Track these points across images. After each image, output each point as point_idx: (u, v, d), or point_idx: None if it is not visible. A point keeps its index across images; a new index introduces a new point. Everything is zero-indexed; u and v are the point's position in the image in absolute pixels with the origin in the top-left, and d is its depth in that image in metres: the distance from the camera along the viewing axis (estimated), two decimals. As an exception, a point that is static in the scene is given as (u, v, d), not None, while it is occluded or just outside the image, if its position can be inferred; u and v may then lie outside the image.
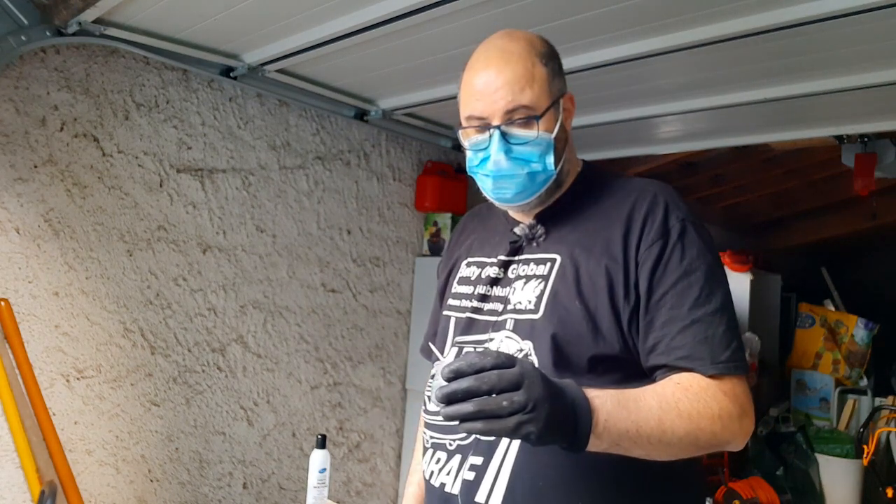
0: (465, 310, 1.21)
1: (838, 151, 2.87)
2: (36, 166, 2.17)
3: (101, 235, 2.31)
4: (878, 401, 3.81)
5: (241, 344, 2.67)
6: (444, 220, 3.26)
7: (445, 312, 1.27)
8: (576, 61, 2.06)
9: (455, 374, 0.84)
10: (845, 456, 3.58)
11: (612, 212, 1.13)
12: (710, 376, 1.01)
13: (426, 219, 3.33)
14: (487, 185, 1.16)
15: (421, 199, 3.27)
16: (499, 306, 1.16)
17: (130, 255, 2.38)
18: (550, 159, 1.12)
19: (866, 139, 2.72)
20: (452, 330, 1.23)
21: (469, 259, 1.29)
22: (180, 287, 2.50)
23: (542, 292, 1.11)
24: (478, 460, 1.10)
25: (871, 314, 4.18)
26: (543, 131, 1.11)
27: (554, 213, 1.19)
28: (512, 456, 1.07)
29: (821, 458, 3.65)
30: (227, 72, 2.47)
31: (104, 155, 2.31)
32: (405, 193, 3.28)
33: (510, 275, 1.18)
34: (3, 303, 2.07)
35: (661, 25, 1.86)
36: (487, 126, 1.11)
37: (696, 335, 1.02)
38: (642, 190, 1.14)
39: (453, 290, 1.27)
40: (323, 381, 2.94)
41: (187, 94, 2.51)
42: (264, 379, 2.74)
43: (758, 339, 3.62)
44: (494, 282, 1.20)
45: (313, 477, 1.78)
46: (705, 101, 2.41)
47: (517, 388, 0.83)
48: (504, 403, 0.82)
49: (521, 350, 1.10)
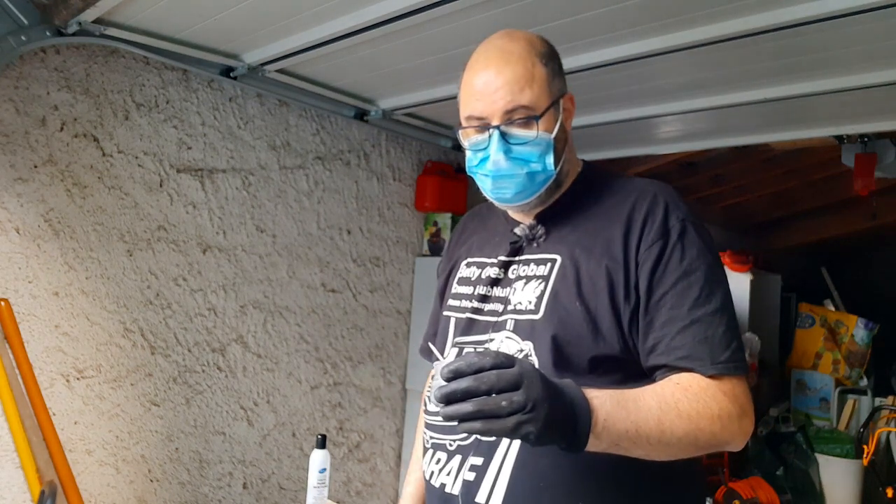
0: (465, 310, 1.21)
1: (838, 151, 2.87)
2: (36, 166, 2.17)
3: (101, 235, 2.31)
4: (878, 401, 3.81)
5: (241, 344, 2.67)
6: (444, 220, 3.26)
7: (445, 313, 1.27)
8: (576, 61, 2.07)
9: (454, 374, 0.84)
10: (845, 456, 3.58)
11: (612, 212, 1.13)
12: (709, 376, 1.01)
13: (426, 219, 3.33)
14: (487, 185, 1.16)
15: (421, 199, 3.27)
16: (499, 307, 1.16)
17: (130, 255, 2.38)
18: (550, 159, 1.12)
19: (866, 139, 2.72)
20: (452, 330, 1.23)
21: (469, 259, 1.29)
22: (180, 287, 2.50)
23: (543, 293, 1.11)
24: (478, 461, 1.10)
25: (871, 314, 4.18)
26: (543, 131, 1.11)
27: (554, 214, 1.19)
28: (512, 456, 1.07)
29: (821, 458, 3.65)
30: (227, 72, 2.47)
31: (104, 155, 2.31)
32: (405, 193, 3.28)
33: (510, 275, 1.18)
34: (3, 303, 2.07)
35: (661, 25, 1.86)
36: (487, 126, 1.11)
37: (696, 335, 1.02)
38: (642, 190, 1.14)
39: (453, 291, 1.27)
40: (323, 381, 2.94)
41: (187, 94, 2.51)
42: (264, 379, 2.74)
43: (758, 339, 3.62)
44: (495, 282, 1.19)
45: (313, 477, 1.78)
46: (705, 101, 2.41)
47: (516, 388, 0.83)
48: (503, 403, 0.82)
49: (522, 351, 1.10)
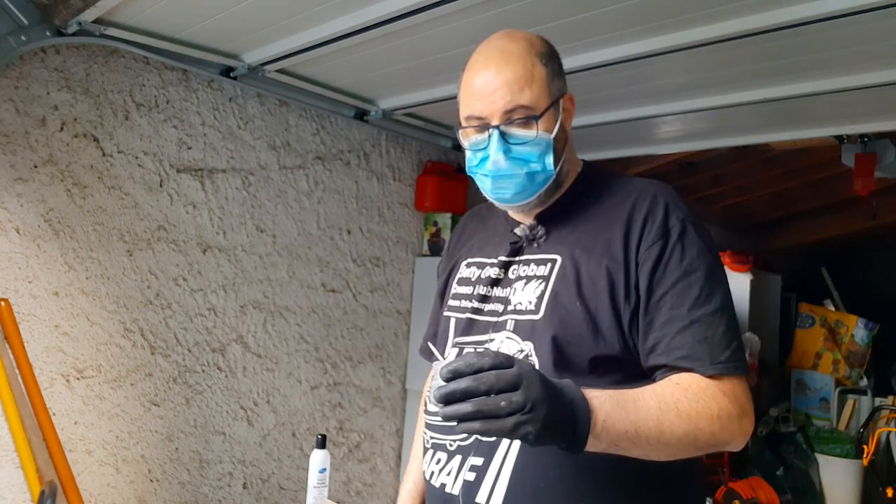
0: (465, 310, 1.21)
1: (838, 151, 2.87)
2: (36, 166, 2.17)
3: (101, 235, 2.31)
4: (878, 401, 3.81)
5: (241, 344, 2.67)
6: (444, 220, 3.26)
7: (446, 313, 1.27)
8: (576, 61, 2.06)
9: (453, 375, 0.84)
10: (845, 456, 3.58)
11: (612, 212, 1.13)
12: (709, 376, 1.01)
13: (426, 219, 3.33)
14: (487, 185, 1.16)
15: (421, 199, 3.27)
16: (499, 307, 1.16)
17: (130, 255, 2.38)
18: (549, 159, 1.12)
19: (866, 139, 2.72)
20: (453, 330, 1.23)
21: (469, 260, 1.28)
22: (180, 287, 2.50)
23: (543, 293, 1.11)
24: (478, 461, 1.10)
25: (871, 314, 4.18)
26: (542, 131, 1.11)
27: (554, 214, 1.19)
28: (513, 457, 1.07)
29: (821, 458, 3.65)
30: (227, 72, 2.47)
31: (104, 155, 2.31)
32: (405, 193, 3.27)
33: (510, 275, 1.18)
34: (3, 303, 2.07)
35: (661, 25, 1.86)
36: (487, 126, 1.11)
37: (696, 335, 1.02)
38: (642, 190, 1.14)
39: (453, 291, 1.27)
40: (323, 381, 2.94)
41: (187, 94, 2.51)
42: (264, 379, 2.74)
43: (758, 339, 3.62)
44: (495, 282, 1.19)
45: (313, 477, 1.78)
46: (705, 101, 2.41)
47: (515, 388, 0.83)
48: (502, 404, 0.82)
49: (522, 351, 1.10)
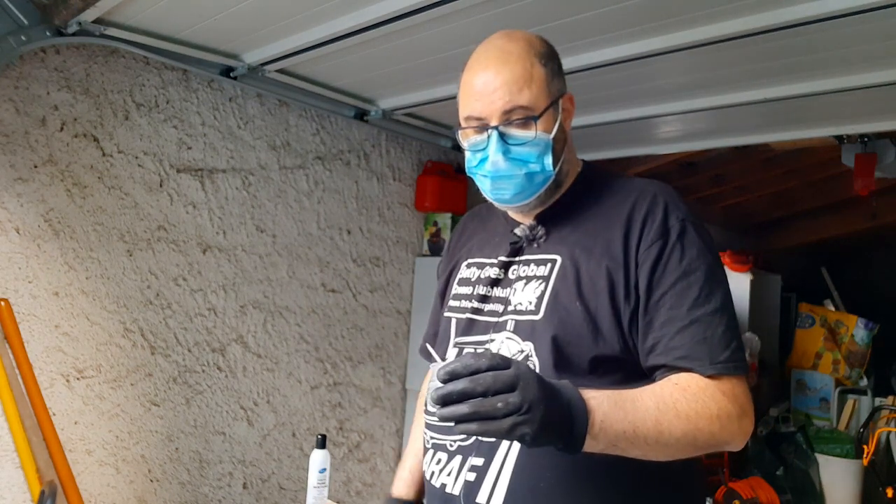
0: (465, 311, 1.21)
1: (838, 151, 2.87)
2: (36, 166, 2.17)
3: (101, 235, 2.31)
4: (878, 401, 3.81)
5: (241, 344, 2.67)
6: (444, 220, 3.26)
7: (446, 314, 1.26)
8: (576, 61, 2.06)
9: (450, 376, 0.84)
10: (845, 456, 3.58)
11: (612, 212, 1.13)
12: (708, 376, 1.01)
13: (426, 219, 3.33)
14: (486, 185, 1.15)
15: (421, 199, 3.27)
16: (499, 307, 1.16)
17: (130, 255, 2.38)
18: (549, 160, 1.12)
19: (866, 139, 2.72)
20: (453, 331, 1.23)
21: (469, 260, 1.28)
22: (180, 287, 2.50)
23: (543, 293, 1.11)
24: (479, 461, 1.10)
25: (871, 314, 4.18)
26: (542, 132, 1.11)
27: (554, 214, 1.19)
28: (513, 457, 1.07)
29: (821, 458, 3.65)
30: (227, 72, 2.47)
31: (104, 155, 2.31)
32: (405, 193, 3.27)
33: (510, 276, 1.18)
34: (3, 303, 2.07)
35: (661, 25, 1.86)
36: (486, 127, 1.11)
37: (695, 335, 1.02)
38: (642, 190, 1.14)
39: (454, 292, 1.27)
40: (323, 381, 2.94)
41: (187, 94, 2.51)
42: (264, 379, 2.74)
43: (758, 339, 3.62)
44: (495, 283, 1.19)
45: (313, 477, 1.78)
46: (705, 101, 2.41)
47: (512, 389, 0.83)
48: (499, 405, 0.82)
49: (522, 351, 1.09)
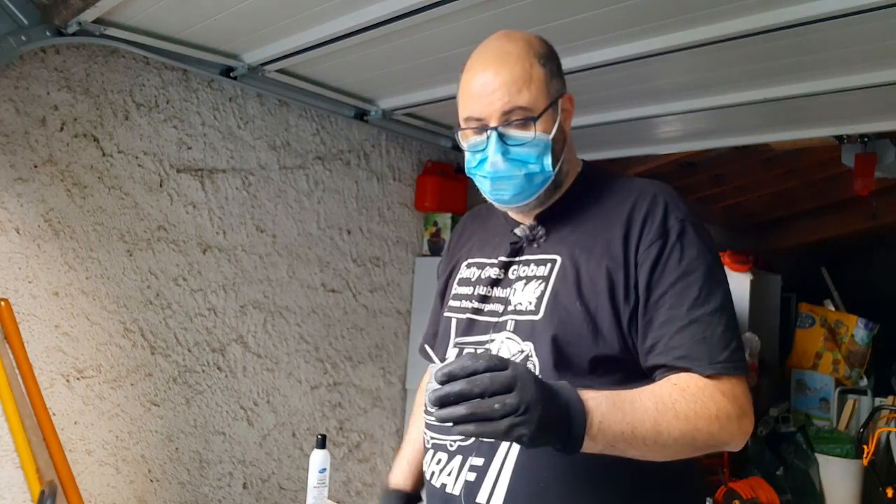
0: (465, 311, 1.21)
1: (838, 151, 2.87)
2: (36, 166, 2.17)
3: (101, 235, 2.31)
4: (878, 401, 3.81)
5: (241, 344, 2.67)
6: (444, 220, 3.26)
7: (446, 314, 1.26)
8: (576, 61, 2.06)
9: (447, 378, 0.84)
10: (845, 456, 3.58)
11: (612, 212, 1.13)
12: (707, 376, 1.01)
13: (426, 219, 3.33)
14: (486, 186, 1.15)
15: (421, 199, 3.27)
16: (499, 307, 1.16)
17: (130, 255, 2.38)
18: (548, 160, 1.12)
19: (866, 139, 2.72)
20: (454, 331, 1.23)
21: (469, 260, 1.28)
22: (180, 287, 2.50)
23: (543, 293, 1.11)
24: (479, 461, 1.09)
25: (871, 314, 4.18)
26: (541, 132, 1.11)
27: (554, 214, 1.19)
28: (513, 457, 1.07)
29: (821, 458, 3.65)
30: (227, 72, 2.47)
31: (104, 155, 2.32)
32: (405, 193, 3.27)
33: (510, 276, 1.18)
34: (3, 303, 2.07)
35: (661, 25, 1.86)
36: (485, 127, 1.11)
37: (695, 335, 1.02)
38: (642, 190, 1.14)
39: (454, 292, 1.27)
40: (323, 381, 2.94)
41: (187, 94, 2.51)
42: (264, 379, 2.74)
43: (758, 339, 3.62)
44: (495, 283, 1.19)
45: (313, 477, 1.78)
46: (705, 101, 2.41)
47: (509, 390, 0.84)
48: (496, 406, 0.83)
49: (522, 351, 1.09)
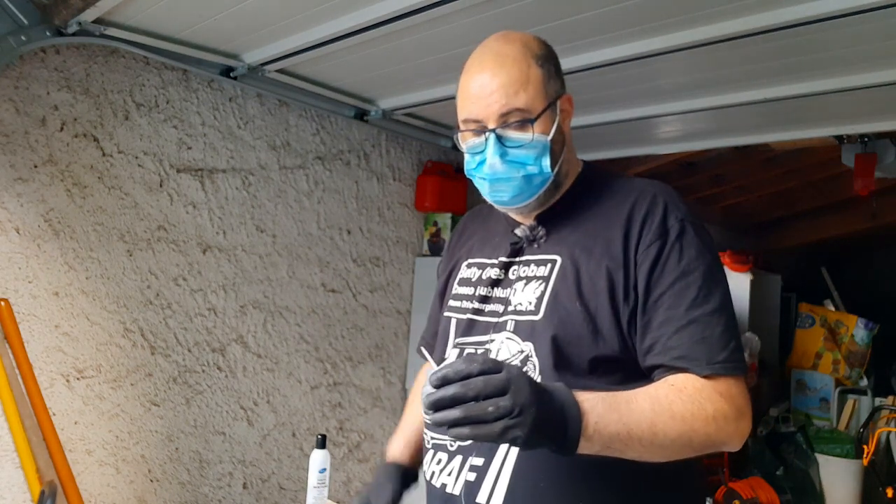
0: (465, 311, 1.21)
1: (838, 151, 2.87)
2: (36, 166, 2.17)
3: (101, 235, 2.31)
4: (878, 401, 3.82)
5: (241, 344, 2.67)
6: (444, 220, 3.26)
7: (446, 314, 1.26)
8: (576, 61, 2.06)
9: (442, 382, 0.85)
10: (845, 456, 3.58)
11: (612, 212, 1.13)
12: (705, 377, 1.01)
13: (426, 219, 3.33)
14: (484, 188, 1.16)
15: (421, 199, 3.27)
16: (499, 307, 1.16)
17: (130, 255, 2.38)
18: (546, 161, 1.12)
19: (866, 139, 2.72)
20: (453, 331, 1.23)
21: (470, 260, 1.28)
22: (180, 287, 2.50)
23: (543, 293, 1.11)
24: (479, 461, 1.10)
25: (871, 314, 4.18)
26: (539, 134, 1.11)
27: (554, 215, 1.19)
28: (513, 457, 1.07)
29: (821, 458, 3.65)
30: (227, 72, 2.47)
31: (104, 155, 2.32)
32: (405, 193, 3.28)
33: (511, 276, 1.18)
34: (3, 303, 2.07)
35: (661, 25, 1.86)
36: (483, 129, 1.11)
37: (693, 335, 1.02)
38: (642, 190, 1.14)
39: (454, 292, 1.27)
40: (323, 381, 2.94)
41: (187, 94, 2.51)
42: (264, 379, 2.74)
43: (758, 339, 3.62)
44: (495, 283, 1.19)
45: (313, 477, 1.78)
46: (705, 101, 2.41)
47: (503, 393, 0.84)
48: (489, 409, 0.83)
49: (522, 351, 1.10)
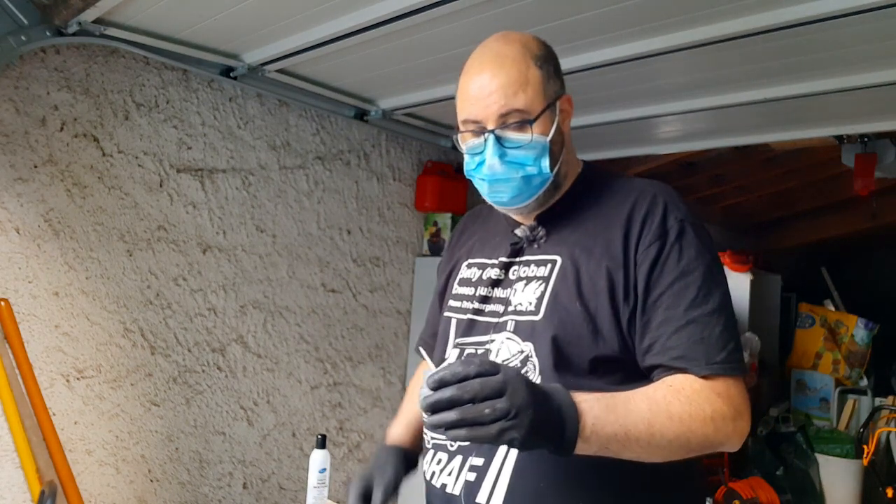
0: (466, 311, 1.21)
1: (838, 151, 2.87)
2: (36, 166, 2.17)
3: (101, 235, 2.31)
4: (878, 401, 3.81)
5: (241, 344, 2.67)
6: (444, 220, 3.26)
7: (446, 314, 1.26)
8: (576, 61, 2.06)
9: (439, 384, 0.85)
10: (845, 456, 3.58)
11: (612, 213, 1.13)
12: (704, 377, 1.01)
13: (426, 219, 3.33)
14: (484, 188, 1.16)
15: (421, 199, 3.27)
16: (500, 308, 1.16)
17: (130, 255, 2.38)
18: (546, 162, 1.12)
19: (866, 139, 2.72)
20: (454, 331, 1.23)
21: (470, 260, 1.28)
22: (180, 287, 2.50)
23: (543, 294, 1.11)
24: (479, 461, 1.10)
25: (871, 314, 4.18)
26: (538, 134, 1.11)
27: (554, 215, 1.19)
28: (513, 457, 1.07)
29: (821, 458, 3.65)
30: (227, 72, 2.47)
31: (104, 155, 2.32)
32: (405, 193, 3.27)
33: (511, 276, 1.18)
34: (3, 303, 2.07)
35: (661, 25, 1.86)
36: (482, 130, 1.11)
37: (692, 336, 1.02)
38: (642, 190, 1.14)
39: (454, 292, 1.27)
40: (323, 381, 2.94)
41: (187, 94, 2.51)
42: (264, 379, 2.74)
43: (758, 339, 3.62)
44: (495, 283, 1.19)
45: (313, 477, 1.77)
46: (705, 101, 2.41)
47: (500, 395, 0.84)
48: (486, 411, 0.84)
49: (522, 352, 1.10)
